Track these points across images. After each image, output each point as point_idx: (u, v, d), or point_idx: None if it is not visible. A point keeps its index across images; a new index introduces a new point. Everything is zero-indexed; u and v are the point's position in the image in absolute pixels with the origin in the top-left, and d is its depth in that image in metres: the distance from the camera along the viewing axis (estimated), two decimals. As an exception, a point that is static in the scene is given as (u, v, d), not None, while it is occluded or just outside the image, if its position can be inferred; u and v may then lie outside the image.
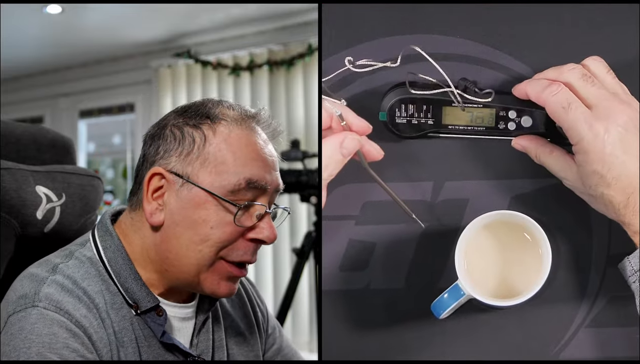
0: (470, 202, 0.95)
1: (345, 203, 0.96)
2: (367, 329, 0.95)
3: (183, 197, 0.84)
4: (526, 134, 0.93)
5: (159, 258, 0.86)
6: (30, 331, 0.76)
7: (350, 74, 0.96)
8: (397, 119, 0.94)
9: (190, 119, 0.86)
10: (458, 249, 0.89)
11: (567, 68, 0.89)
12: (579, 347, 0.94)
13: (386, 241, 0.96)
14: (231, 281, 0.87)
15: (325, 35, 0.97)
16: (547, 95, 0.87)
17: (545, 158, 0.91)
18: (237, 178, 0.83)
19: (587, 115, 0.85)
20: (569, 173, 0.89)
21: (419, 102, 0.93)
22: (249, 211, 0.85)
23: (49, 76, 5.03)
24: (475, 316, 0.94)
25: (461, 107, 0.93)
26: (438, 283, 0.95)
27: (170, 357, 0.86)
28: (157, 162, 0.85)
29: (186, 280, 0.86)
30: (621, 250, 0.91)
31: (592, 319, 0.94)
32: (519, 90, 0.92)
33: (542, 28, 0.96)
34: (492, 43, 0.96)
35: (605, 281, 0.94)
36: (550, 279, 0.89)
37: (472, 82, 0.93)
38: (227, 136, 0.84)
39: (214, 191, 0.83)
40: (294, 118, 3.93)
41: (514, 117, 0.93)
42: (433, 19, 0.97)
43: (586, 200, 0.90)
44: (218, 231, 0.83)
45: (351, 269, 0.96)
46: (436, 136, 0.95)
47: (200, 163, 0.83)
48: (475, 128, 0.94)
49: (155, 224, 0.85)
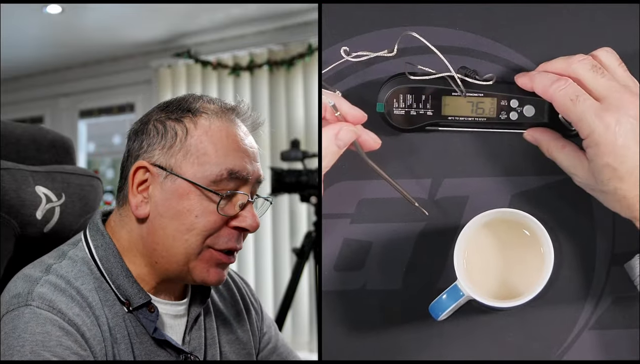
0: (470, 200, 0.94)
1: (340, 201, 0.95)
2: (363, 331, 0.94)
3: (167, 189, 0.86)
4: (529, 124, 0.91)
5: (147, 250, 0.88)
6: (23, 330, 0.77)
7: (347, 67, 0.94)
8: (395, 111, 0.92)
9: (172, 113, 0.88)
10: (457, 248, 0.88)
11: (576, 59, 0.86)
12: (583, 350, 0.92)
13: (383, 240, 0.94)
14: (220, 268, 0.89)
15: (323, 26, 0.96)
16: (555, 90, 0.85)
17: (557, 153, 0.89)
18: (219, 169, 0.85)
19: (597, 107, 0.83)
20: (579, 170, 0.87)
21: (418, 92, 0.91)
22: (231, 201, 0.87)
23: (49, 76, 5.04)
24: (475, 317, 0.93)
25: (463, 94, 0.90)
26: (436, 284, 0.93)
27: (162, 353, 0.88)
28: (141, 156, 0.87)
29: (176, 270, 0.88)
30: (626, 248, 0.89)
31: (596, 321, 0.92)
32: (523, 82, 0.90)
33: (542, 20, 0.94)
34: (492, 35, 0.95)
35: (609, 281, 0.92)
36: (552, 279, 0.87)
37: (472, 70, 0.91)
38: (208, 128, 0.87)
39: (197, 182, 0.85)
40: (294, 118, 3.94)
41: (515, 106, 0.91)
42: (432, 11, 0.95)
43: (598, 197, 0.87)
44: (203, 220, 0.85)
45: (346, 269, 0.95)
46: (435, 129, 0.93)
47: (183, 155, 0.86)
48: (476, 119, 0.92)
49: (141, 216, 0.87)
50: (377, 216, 0.95)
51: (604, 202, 0.86)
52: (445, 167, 0.94)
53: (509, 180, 0.94)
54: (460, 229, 0.89)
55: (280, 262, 3.91)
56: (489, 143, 0.94)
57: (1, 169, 0.93)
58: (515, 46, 0.94)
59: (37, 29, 4.07)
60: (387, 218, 0.94)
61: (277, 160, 3.57)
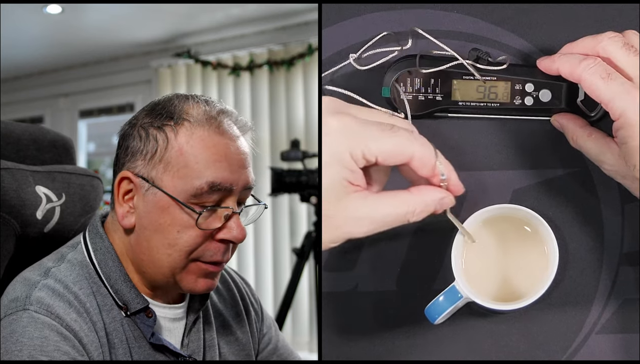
0: (469, 195, 0.89)
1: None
2: (354, 335, 0.90)
3: (149, 201, 0.85)
4: (545, 110, 0.88)
5: (135, 259, 0.88)
6: (21, 334, 0.77)
7: (347, 48, 0.91)
8: (402, 95, 0.88)
9: (155, 119, 0.86)
10: (455, 247, 0.85)
11: (606, 36, 0.83)
12: (589, 355, 0.88)
13: (375, 238, 0.88)
14: (209, 278, 0.88)
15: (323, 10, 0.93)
16: (584, 68, 0.81)
17: (584, 142, 0.86)
18: (200, 182, 0.83)
19: (629, 85, 0.79)
20: (608, 156, 0.84)
21: (426, 76, 0.87)
22: (216, 212, 0.85)
23: (49, 76, 5.06)
24: (474, 321, 0.89)
25: (475, 77, 0.86)
26: (433, 285, 0.90)
27: (160, 357, 0.88)
28: (126, 165, 0.87)
29: (163, 281, 0.87)
30: (635, 247, 0.86)
31: (603, 325, 0.89)
32: (546, 65, 0.86)
33: (545, 5, 0.91)
34: (494, 20, 0.91)
35: (617, 282, 0.88)
36: (557, 280, 0.84)
37: (485, 52, 0.87)
38: (189, 138, 0.84)
39: (177, 196, 0.83)
40: (294, 118, 3.94)
41: (531, 91, 0.88)
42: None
43: (629, 186, 0.83)
44: (185, 235, 0.84)
45: (337, 269, 0.91)
46: (444, 116, 0.89)
47: (164, 167, 0.84)
48: (488, 104, 0.88)
49: (127, 227, 0.87)
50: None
51: (635, 191, 0.82)
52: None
53: (510, 174, 0.90)
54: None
55: (280, 262, 3.92)
56: (488, 136, 0.91)
57: (1, 169, 0.93)
58: (518, 31, 0.91)
59: (37, 29, 4.08)
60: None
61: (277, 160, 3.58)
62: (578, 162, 0.89)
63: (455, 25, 0.92)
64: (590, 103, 0.87)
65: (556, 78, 0.86)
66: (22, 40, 4.25)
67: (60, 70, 4.98)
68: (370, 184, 0.81)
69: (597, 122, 0.88)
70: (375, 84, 0.90)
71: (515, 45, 0.91)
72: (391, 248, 0.91)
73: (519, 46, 0.91)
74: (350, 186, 0.78)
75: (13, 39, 4.16)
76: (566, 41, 0.86)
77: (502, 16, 0.92)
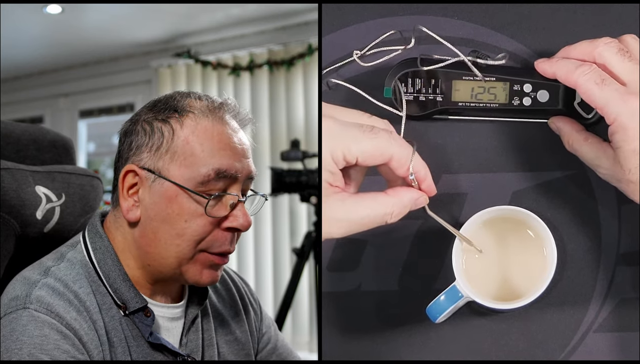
0: (469, 197, 0.91)
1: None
2: (356, 334, 0.91)
3: (156, 192, 0.85)
4: (543, 111, 0.89)
5: (140, 253, 0.88)
6: (21, 333, 0.77)
7: (348, 54, 0.92)
8: (403, 96, 0.89)
9: (159, 113, 0.87)
10: (455, 248, 0.86)
11: (602, 42, 0.84)
12: (587, 353, 0.89)
13: (378, 239, 0.91)
14: (213, 269, 0.88)
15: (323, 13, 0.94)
16: (579, 74, 0.83)
17: (579, 146, 0.87)
18: (206, 169, 0.84)
19: (622, 90, 0.81)
20: (604, 160, 0.84)
21: (427, 77, 0.89)
22: (222, 201, 0.86)
23: (49, 76, 5.05)
24: (474, 320, 0.90)
25: (476, 76, 0.88)
26: (434, 285, 0.91)
27: (159, 356, 0.88)
28: (130, 159, 0.87)
29: (168, 273, 0.87)
30: (632, 247, 0.87)
31: (600, 324, 0.90)
32: (544, 68, 0.87)
33: (544, 10, 0.92)
34: (494, 25, 0.92)
35: (614, 282, 0.89)
36: (555, 280, 0.85)
37: (484, 53, 0.89)
38: (195, 128, 0.86)
39: (184, 184, 0.84)
40: (294, 118, 3.94)
41: (529, 91, 0.89)
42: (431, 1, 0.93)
43: (624, 189, 0.84)
44: (193, 224, 0.85)
45: (340, 269, 0.92)
46: (445, 118, 0.90)
47: (170, 157, 0.85)
48: (487, 105, 0.89)
49: (132, 220, 0.87)
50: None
51: (632, 194, 0.83)
52: (443, 162, 0.92)
53: (510, 176, 0.92)
54: (459, 227, 0.86)
55: (280, 262, 3.92)
56: (489, 138, 0.92)
57: (1, 169, 0.93)
58: (517, 36, 0.92)
59: (37, 29, 4.07)
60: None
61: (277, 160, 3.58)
62: (576, 164, 0.90)
63: (456, 31, 0.93)
64: (588, 105, 0.88)
65: (554, 80, 0.87)
66: (22, 40, 4.25)
67: (60, 70, 4.97)
68: (348, 184, 0.83)
69: (593, 124, 0.88)
70: (378, 82, 0.91)
71: (515, 51, 0.92)
72: (393, 248, 0.92)
73: (518, 52, 0.92)
74: (330, 188, 0.80)
75: (13, 39, 4.16)
76: (563, 47, 0.87)
77: (502, 22, 0.93)
